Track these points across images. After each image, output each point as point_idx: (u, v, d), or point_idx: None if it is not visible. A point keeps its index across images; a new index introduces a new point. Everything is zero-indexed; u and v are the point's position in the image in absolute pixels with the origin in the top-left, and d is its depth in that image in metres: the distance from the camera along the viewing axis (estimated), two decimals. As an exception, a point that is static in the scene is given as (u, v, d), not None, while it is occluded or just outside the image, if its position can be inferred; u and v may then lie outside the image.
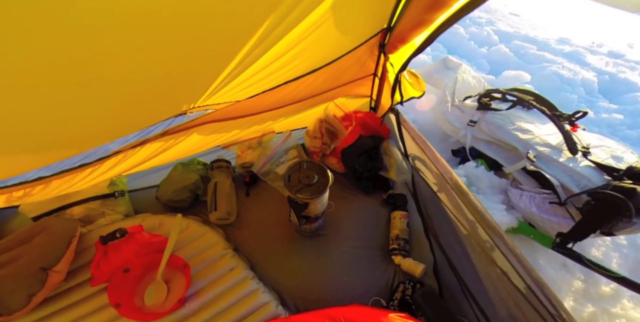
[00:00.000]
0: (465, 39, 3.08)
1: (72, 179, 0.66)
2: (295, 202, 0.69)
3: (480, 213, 0.74)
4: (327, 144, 1.08)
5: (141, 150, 0.70)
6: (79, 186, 0.70)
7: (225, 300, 0.68)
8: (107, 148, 0.67)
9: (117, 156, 0.67)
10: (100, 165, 0.67)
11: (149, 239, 0.71)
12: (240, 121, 0.85)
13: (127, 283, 0.65)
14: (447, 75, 1.53)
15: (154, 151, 0.72)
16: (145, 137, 0.67)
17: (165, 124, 0.69)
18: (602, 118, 2.19)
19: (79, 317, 0.63)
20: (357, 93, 1.18)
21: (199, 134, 0.77)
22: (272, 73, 0.67)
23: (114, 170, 0.70)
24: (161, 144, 0.72)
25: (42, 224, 0.69)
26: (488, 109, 1.29)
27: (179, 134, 0.74)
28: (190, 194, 0.89)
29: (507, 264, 0.70)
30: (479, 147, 1.28)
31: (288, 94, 0.86)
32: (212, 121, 0.77)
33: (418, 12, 0.61)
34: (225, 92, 0.66)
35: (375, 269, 0.83)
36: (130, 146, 0.66)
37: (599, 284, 1.09)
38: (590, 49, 3.63)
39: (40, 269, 0.60)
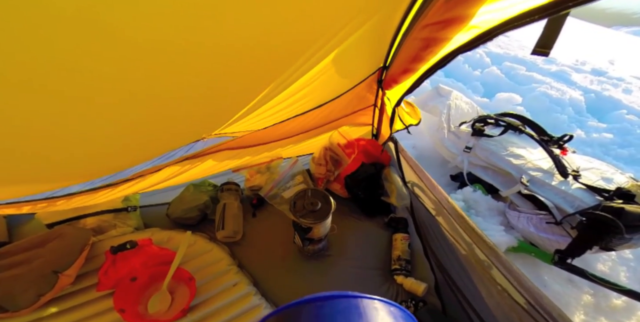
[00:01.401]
0: (460, 62, 3.21)
1: (93, 194, 0.73)
2: (300, 226, 0.75)
3: (477, 235, 0.78)
4: (331, 171, 1.15)
5: (159, 173, 0.77)
6: (98, 200, 0.76)
7: (227, 313, 0.70)
8: (130, 170, 0.75)
9: (137, 178, 0.75)
10: (121, 185, 0.74)
11: (158, 252, 0.75)
12: (251, 149, 0.94)
13: (133, 291, 0.69)
14: (441, 102, 1.63)
15: (171, 174, 0.80)
16: (165, 163, 0.75)
17: (183, 149, 0.77)
18: (593, 138, 2.20)
19: (83, 318, 0.66)
20: (359, 122, 1.28)
21: (214, 160, 0.85)
22: (284, 108, 0.76)
23: (132, 188, 0.77)
24: (178, 168, 0.80)
25: (57, 231, 0.75)
26: (482, 135, 1.37)
27: (196, 160, 0.82)
28: (199, 212, 0.94)
29: (505, 282, 0.73)
30: (476, 173, 1.34)
31: (297, 125, 0.96)
32: (227, 149, 0.86)
33: (403, 62, 0.70)
34: (243, 123, 0.73)
35: (378, 289, 0.85)
36: (151, 171, 0.74)
37: (609, 298, 1.07)
38: (574, 67, 3.74)
39: (52, 272, 0.64)
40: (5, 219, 0.85)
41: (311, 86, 0.71)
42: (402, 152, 1.07)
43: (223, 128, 0.72)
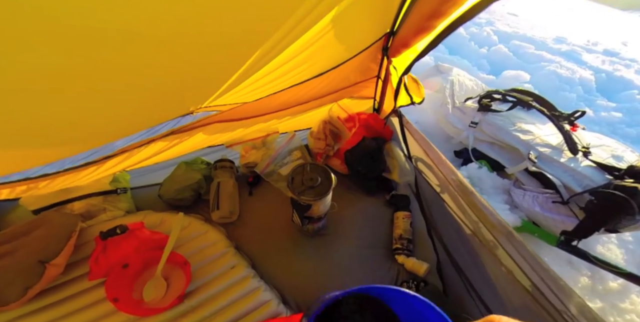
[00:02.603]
0: (466, 39, 3.09)
1: (76, 174, 0.66)
2: (299, 204, 0.69)
3: (484, 213, 0.74)
4: (330, 146, 1.08)
5: (146, 149, 0.70)
6: (83, 180, 0.69)
7: (225, 297, 0.67)
8: (114, 146, 0.67)
9: (123, 154, 0.67)
10: (105, 162, 0.67)
11: (150, 236, 0.70)
12: (245, 122, 0.85)
13: (126, 278, 0.64)
14: (443, 79, 1.54)
15: (159, 149, 0.72)
16: (151, 137, 0.67)
17: (171, 124, 0.69)
18: (602, 116, 2.19)
19: (75, 310, 0.62)
20: (361, 95, 1.18)
21: (204, 134, 0.77)
22: (278, 77, 0.68)
23: (118, 166, 0.70)
24: (166, 143, 0.72)
25: (42, 218, 0.69)
26: (488, 110, 1.29)
27: (185, 134, 0.74)
28: (193, 193, 0.88)
29: (511, 263, 0.69)
30: (481, 149, 1.28)
31: (293, 96, 0.87)
32: (217, 121, 0.78)
33: (419, 19, 0.61)
34: (232, 94, 0.66)
35: (378, 268, 0.82)
36: (136, 145, 0.66)
37: (606, 280, 1.07)
38: (585, 47, 3.63)
39: (38, 262, 0.59)
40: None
41: (307, 53, 0.62)
42: (407, 125, 1.00)
43: (212, 100, 0.64)
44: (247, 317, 0.65)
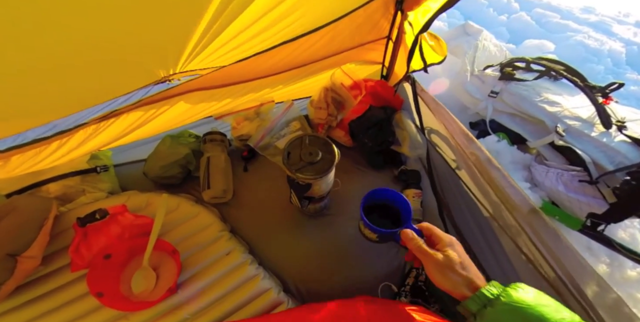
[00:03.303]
0: (484, 5, 2.83)
1: (36, 155, 0.55)
2: (296, 183, 0.59)
3: (507, 193, 0.64)
4: (333, 115, 0.95)
5: (117, 122, 0.58)
6: (47, 163, 0.59)
7: (222, 287, 0.60)
8: (75, 120, 0.56)
9: (87, 129, 0.56)
10: (69, 139, 0.56)
11: (133, 221, 0.62)
12: (232, 89, 0.72)
13: (110, 270, 0.57)
14: (467, 42, 1.36)
15: (133, 123, 0.61)
16: (116, 108, 0.56)
17: (141, 94, 0.57)
18: (631, 91, 2.03)
19: (59, 305, 0.55)
20: (368, 59, 1.03)
21: (186, 103, 0.65)
22: (263, 31, 0.54)
23: (87, 145, 0.59)
24: (140, 114, 0.60)
25: (10, 204, 0.60)
26: (511, 79, 1.14)
27: (161, 104, 0.61)
28: (181, 169, 0.78)
29: (534, 252, 0.61)
30: (501, 120, 1.15)
31: (285, 57, 0.72)
32: (198, 89, 0.65)
33: None
34: (209, 55, 0.54)
35: (386, 253, 0.74)
36: (97, 118, 0.55)
37: (624, 268, 1.01)
38: (616, 18, 3.35)
39: (7, 255, 0.51)
40: None
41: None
42: (421, 93, 0.86)
43: (185, 63, 0.52)
44: (246, 307, 0.59)
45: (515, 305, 0.34)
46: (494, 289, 0.37)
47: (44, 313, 0.55)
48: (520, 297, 0.35)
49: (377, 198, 0.58)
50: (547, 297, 0.36)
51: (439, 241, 0.43)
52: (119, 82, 0.48)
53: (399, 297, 0.70)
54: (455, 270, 0.40)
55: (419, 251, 0.42)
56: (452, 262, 0.40)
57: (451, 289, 0.40)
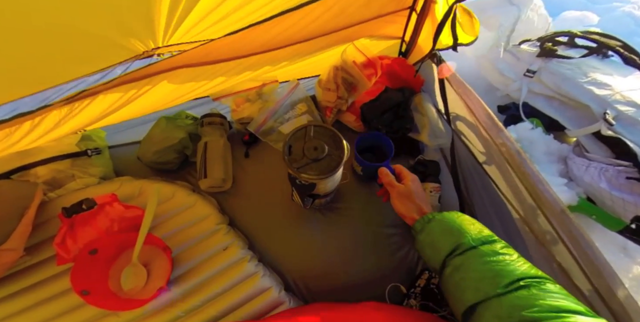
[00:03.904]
0: None
1: (8, 136, 0.49)
2: (298, 182, 0.50)
3: (544, 196, 0.53)
4: (343, 98, 0.84)
5: (94, 103, 0.50)
6: (25, 144, 0.53)
7: (218, 284, 0.56)
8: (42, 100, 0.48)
9: (61, 110, 0.49)
10: (42, 120, 0.49)
11: (123, 213, 0.57)
12: (224, 66, 0.61)
13: (97, 266, 0.53)
14: (506, 13, 1.15)
15: (113, 103, 0.53)
16: (86, 87, 0.47)
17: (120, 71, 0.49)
18: None
19: (44, 299, 0.52)
20: (385, 33, 0.89)
21: (170, 83, 0.56)
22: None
23: (65, 126, 0.52)
24: (120, 95, 0.52)
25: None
26: (553, 56, 0.97)
27: (142, 83, 0.53)
28: (177, 155, 0.72)
29: (571, 261, 0.52)
30: (536, 104, 1.00)
31: (286, 30, 0.61)
32: (184, 66, 0.55)
33: None
34: (193, 26, 0.46)
35: (397, 251, 0.67)
36: (64, 99, 0.47)
37: None
38: None
39: None
40: None
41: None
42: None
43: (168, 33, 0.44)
44: (244, 306, 0.55)
45: (443, 219, 0.45)
46: (436, 214, 0.46)
47: (28, 307, 0.52)
48: (450, 216, 0.45)
49: (370, 140, 0.68)
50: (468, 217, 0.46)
51: (404, 177, 0.54)
52: (82, 59, 0.40)
53: (408, 299, 0.63)
54: (411, 198, 0.50)
55: (389, 183, 0.53)
56: (409, 192, 0.51)
57: (405, 214, 0.50)
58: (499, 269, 0.37)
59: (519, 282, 0.35)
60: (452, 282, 0.40)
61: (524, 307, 0.32)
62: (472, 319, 0.37)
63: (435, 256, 0.43)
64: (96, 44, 0.39)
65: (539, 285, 0.35)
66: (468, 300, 0.37)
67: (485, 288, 0.36)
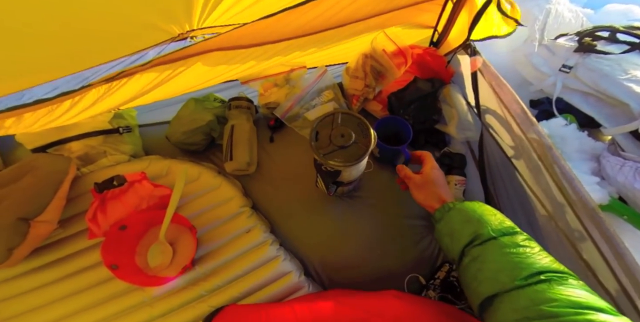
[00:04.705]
0: None
1: (50, 113, 0.50)
2: (324, 169, 0.49)
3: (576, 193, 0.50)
4: (371, 87, 0.81)
5: (130, 83, 0.51)
6: (63, 120, 0.54)
7: (240, 266, 0.56)
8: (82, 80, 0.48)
9: (99, 89, 0.49)
10: (81, 98, 0.49)
11: (152, 192, 0.57)
12: (256, 51, 0.60)
13: (125, 241, 0.54)
14: (538, 6, 1.08)
15: (148, 84, 0.53)
16: (124, 68, 0.48)
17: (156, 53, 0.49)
18: None
19: (74, 272, 0.54)
20: (418, 22, 0.84)
21: (204, 64, 0.55)
22: None
23: (101, 104, 0.53)
24: (155, 75, 0.52)
25: (30, 163, 0.57)
26: (592, 51, 0.90)
27: (177, 64, 0.52)
28: (204, 136, 0.71)
29: (598, 260, 0.49)
30: (570, 100, 0.94)
31: (320, 15, 0.59)
32: (217, 49, 0.54)
33: None
34: (228, 9, 0.46)
35: (418, 242, 0.66)
36: (103, 79, 0.48)
37: None
38: None
39: (19, 219, 0.48)
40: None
41: None
42: (483, 65, 0.69)
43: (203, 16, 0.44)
44: (264, 289, 0.55)
45: (463, 209, 0.43)
46: (457, 203, 0.44)
47: (60, 278, 0.53)
48: (471, 205, 0.43)
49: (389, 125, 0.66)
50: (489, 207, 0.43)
51: (425, 163, 0.52)
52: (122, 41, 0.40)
53: (427, 290, 0.62)
54: (430, 187, 0.48)
55: (406, 176, 0.51)
56: (427, 181, 0.48)
57: (424, 203, 0.48)
58: (518, 261, 0.35)
59: (539, 276, 0.33)
60: (469, 273, 0.39)
61: (542, 301, 0.30)
62: (489, 311, 0.36)
63: (454, 246, 0.42)
64: (136, 26, 0.39)
65: (560, 280, 0.33)
66: (485, 292, 0.36)
67: (503, 280, 0.34)
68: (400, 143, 0.64)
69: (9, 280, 0.54)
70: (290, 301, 0.53)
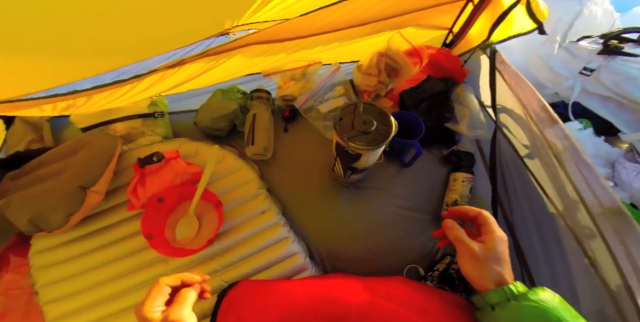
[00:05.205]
0: None
1: (112, 94, 0.56)
2: (345, 152, 0.51)
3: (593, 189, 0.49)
4: (384, 83, 0.82)
5: (180, 71, 0.56)
6: (119, 102, 0.59)
7: (254, 244, 0.58)
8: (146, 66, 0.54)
9: (154, 76, 0.54)
10: (138, 83, 0.54)
11: (185, 168, 0.61)
12: (286, 44, 0.64)
13: (160, 213, 0.58)
14: (565, 7, 1.04)
15: (194, 72, 0.58)
16: (183, 57, 0.53)
17: (205, 45, 0.54)
18: None
19: (114, 240, 0.58)
20: (436, 23, 0.84)
21: (243, 56, 0.60)
22: None
23: (152, 89, 0.58)
24: (201, 64, 0.57)
25: (86, 138, 0.62)
26: (618, 53, 0.86)
27: (221, 56, 0.57)
28: (228, 123, 0.75)
29: (606, 258, 0.48)
30: (588, 104, 0.90)
31: (345, 15, 0.61)
32: (256, 43, 0.59)
33: None
34: (272, 8, 0.49)
35: (419, 235, 0.66)
36: (167, 65, 0.53)
37: None
38: None
39: (79, 187, 0.53)
40: (49, 122, 0.76)
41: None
42: (501, 65, 0.68)
43: (249, 16, 0.47)
44: (273, 267, 0.57)
45: (540, 303, 0.33)
46: (520, 287, 0.35)
47: (101, 246, 0.58)
48: (547, 298, 0.34)
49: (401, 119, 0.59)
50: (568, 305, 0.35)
51: (487, 231, 0.38)
52: (190, 31, 0.45)
53: (424, 281, 0.63)
54: (489, 262, 0.36)
55: (457, 239, 0.39)
56: (489, 255, 0.36)
57: (476, 279, 0.37)
58: None
59: None
60: None
61: None
62: None
63: None
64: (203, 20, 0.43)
65: None
66: None
67: None
68: (410, 138, 0.65)
69: (56, 247, 0.58)
70: (300, 279, 0.55)
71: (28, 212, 0.51)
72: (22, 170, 0.61)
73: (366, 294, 0.39)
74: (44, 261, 0.57)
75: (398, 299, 0.39)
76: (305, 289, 0.43)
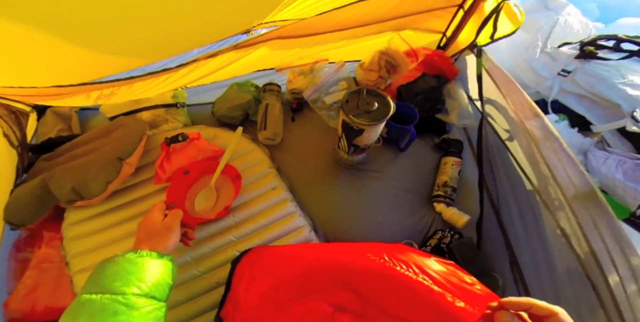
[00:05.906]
0: None
1: (150, 83, 0.61)
2: (350, 128, 0.56)
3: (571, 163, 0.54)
4: (383, 78, 0.88)
5: (212, 62, 0.62)
6: (154, 90, 0.65)
7: (265, 217, 0.62)
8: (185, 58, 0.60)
9: (190, 66, 0.60)
10: (175, 72, 0.60)
11: (206, 146, 0.66)
12: (302, 40, 0.70)
13: (184, 185, 0.62)
14: (545, 17, 1.11)
15: (221, 63, 0.64)
16: (218, 49, 0.59)
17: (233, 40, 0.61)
18: None
19: (141, 212, 0.61)
20: (430, 27, 0.90)
21: (267, 48, 0.66)
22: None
23: (184, 78, 0.64)
24: (231, 55, 0.63)
25: (119, 122, 0.68)
26: (593, 57, 0.92)
27: (250, 48, 0.63)
28: (242, 112, 0.80)
29: (574, 226, 0.53)
30: (565, 101, 0.96)
31: (354, 15, 0.68)
32: (277, 38, 0.65)
33: None
34: (290, 10, 0.55)
35: (414, 213, 0.71)
36: (206, 56, 0.59)
37: None
38: None
39: (117, 158, 0.58)
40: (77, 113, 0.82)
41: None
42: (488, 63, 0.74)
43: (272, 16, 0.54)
44: (281, 239, 0.61)
45: None
46: None
47: (129, 218, 0.61)
48: None
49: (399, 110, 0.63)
50: None
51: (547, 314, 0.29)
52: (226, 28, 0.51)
53: (418, 254, 0.67)
54: None
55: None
56: None
57: None
58: None
59: None
60: None
61: None
62: None
63: None
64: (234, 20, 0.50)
65: None
66: None
67: None
68: (405, 125, 0.71)
69: (87, 219, 0.61)
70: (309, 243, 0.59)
71: (71, 181, 0.55)
72: (55, 152, 0.66)
73: (371, 255, 0.40)
74: (75, 232, 0.59)
75: (402, 261, 0.39)
76: (313, 252, 0.44)
